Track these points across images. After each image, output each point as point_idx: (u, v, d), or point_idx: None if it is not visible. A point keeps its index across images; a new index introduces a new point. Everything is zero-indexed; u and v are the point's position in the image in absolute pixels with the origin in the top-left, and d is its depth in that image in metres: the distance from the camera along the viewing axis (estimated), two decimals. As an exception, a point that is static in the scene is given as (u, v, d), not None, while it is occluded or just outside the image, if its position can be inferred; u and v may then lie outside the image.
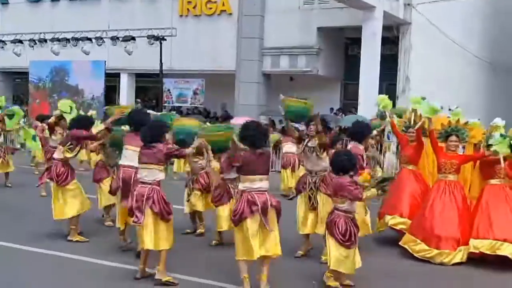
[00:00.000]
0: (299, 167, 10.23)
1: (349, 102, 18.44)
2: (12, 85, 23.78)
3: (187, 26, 18.65)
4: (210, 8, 18.66)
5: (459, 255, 5.99)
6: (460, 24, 17.97)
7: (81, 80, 19.03)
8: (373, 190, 5.05)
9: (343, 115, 16.63)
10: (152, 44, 16.76)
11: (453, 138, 6.38)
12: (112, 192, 6.02)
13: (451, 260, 5.97)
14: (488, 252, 5.86)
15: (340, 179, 4.89)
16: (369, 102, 15.72)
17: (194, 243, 6.65)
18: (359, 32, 15.74)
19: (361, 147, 6.22)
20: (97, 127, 6.82)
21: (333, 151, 5.88)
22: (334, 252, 4.87)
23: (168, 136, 5.54)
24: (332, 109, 18.02)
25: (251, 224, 4.74)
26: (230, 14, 18.39)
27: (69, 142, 6.43)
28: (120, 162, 5.94)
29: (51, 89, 19.30)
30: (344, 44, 19.09)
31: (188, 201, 6.95)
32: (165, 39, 16.86)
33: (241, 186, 4.91)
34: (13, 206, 8.43)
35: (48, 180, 6.55)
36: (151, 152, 5.00)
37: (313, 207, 5.94)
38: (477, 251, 5.92)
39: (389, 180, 5.84)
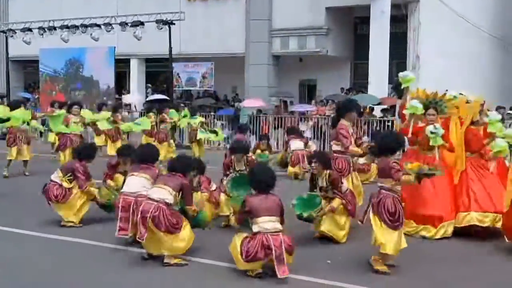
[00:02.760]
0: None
1: (359, 82, 18.42)
2: (23, 73, 23.97)
3: (196, 10, 18.62)
4: (218, -9, 18.61)
5: (442, 231, 6.06)
6: (469, 0, 17.74)
7: (95, 70, 18.92)
8: (411, 177, 4.87)
9: (353, 94, 16.63)
10: (161, 28, 16.76)
11: (431, 111, 6.32)
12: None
13: (433, 236, 6.06)
14: (491, 225, 5.93)
15: (387, 159, 4.95)
16: (379, 81, 15.73)
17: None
18: (368, 11, 15.65)
19: (346, 123, 6.26)
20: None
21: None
22: (383, 235, 4.86)
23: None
24: (342, 88, 18.02)
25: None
26: (238, -4, 18.32)
27: (69, 173, 6.48)
28: (122, 190, 5.92)
29: (67, 81, 19.33)
30: (353, 24, 18.99)
31: None
32: (174, 24, 16.84)
33: (255, 228, 4.86)
34: (29, 194, 8.56)
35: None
36: (170, 177, 5.28)
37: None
38: (484, 225, 5.96)
39: (431, 175, 5.01)
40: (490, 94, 16.37)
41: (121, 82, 20.70)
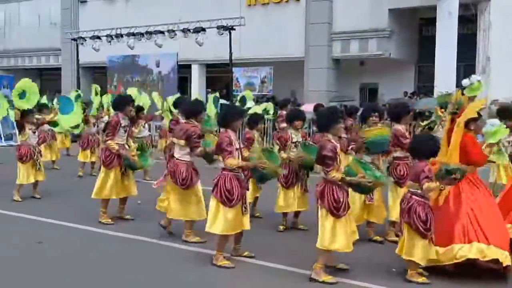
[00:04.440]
0: None
1: (424, 85, 17.76)
2: (91, 79, 25.05)
3: (255, 15, 18.71)
4: (278, -4, 18.61)
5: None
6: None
7: (151, 61, 20.25)
8: (436, 184, 4.58)
9: (418, 98, 16.03)
10: (222, 34, 16.97)
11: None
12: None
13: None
14: None
15: (421, 163, 4.68)
16: (446, 85, 15.01)
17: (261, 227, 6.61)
18: (434, 12, 15.07)
19: (401, 127, 5.86)
20: None
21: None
22: (411, 243, 4.63)
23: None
24: (406, 92, 17.45)
25: None
26: (298, 0, 18.23)
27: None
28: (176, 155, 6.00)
29: (123, 71, 20.41)
30: (417, 25, 18.39)
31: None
32: (234, 29, 17.01)
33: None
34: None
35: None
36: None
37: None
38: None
39: (457, 173, 4.53)
40: None
41: (183, 87, 21.16)
